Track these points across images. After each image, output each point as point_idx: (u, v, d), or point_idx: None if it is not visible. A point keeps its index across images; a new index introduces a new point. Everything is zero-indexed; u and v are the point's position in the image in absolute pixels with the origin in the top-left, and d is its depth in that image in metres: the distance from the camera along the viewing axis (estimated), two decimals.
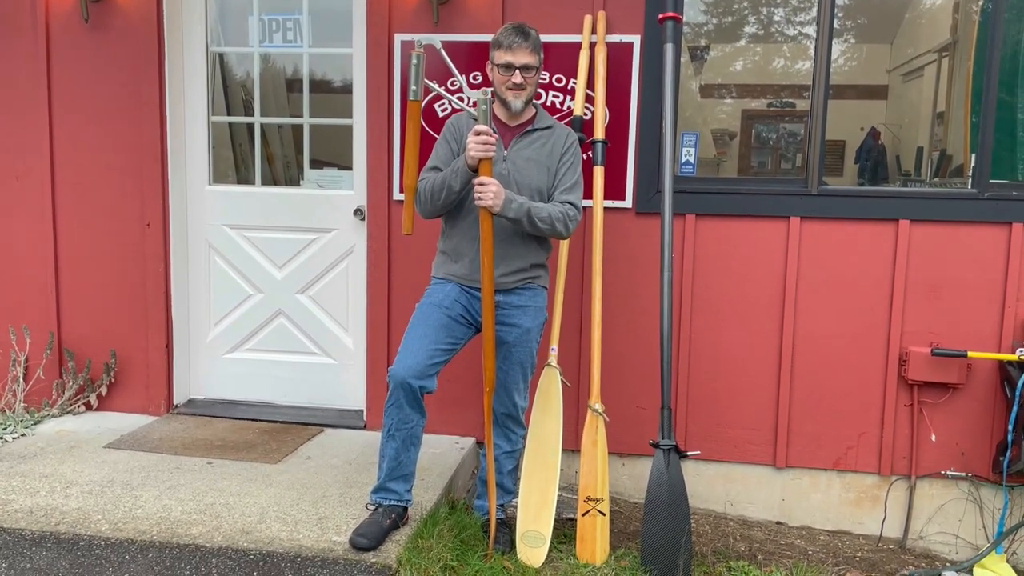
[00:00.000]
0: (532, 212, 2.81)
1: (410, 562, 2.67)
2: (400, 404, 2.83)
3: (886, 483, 3.67)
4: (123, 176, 3.96)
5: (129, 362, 4.07)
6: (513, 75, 2.88)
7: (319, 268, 4.02)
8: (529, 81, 2.91)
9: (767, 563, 3.34)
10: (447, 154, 2.98)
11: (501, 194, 2.73)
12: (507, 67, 2.88)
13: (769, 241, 3.60)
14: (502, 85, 2.92)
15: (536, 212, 2.82)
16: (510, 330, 2.99)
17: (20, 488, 3.14)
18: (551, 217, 2.85)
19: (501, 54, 2.88)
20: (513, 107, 2.93)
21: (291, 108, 4.36)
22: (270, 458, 3.52)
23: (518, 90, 2.90)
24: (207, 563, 2.65)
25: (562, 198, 2.93)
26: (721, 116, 4.60)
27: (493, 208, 2.72)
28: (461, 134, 2.96)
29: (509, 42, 2.86)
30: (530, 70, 2.89)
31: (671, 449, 3.11)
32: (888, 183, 4.28)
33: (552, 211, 2.86)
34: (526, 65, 2.88)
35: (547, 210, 2.85)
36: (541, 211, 2.84)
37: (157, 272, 3.99)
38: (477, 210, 2.85)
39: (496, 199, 2.72)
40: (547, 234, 2.91)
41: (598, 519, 3.15)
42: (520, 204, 2.79)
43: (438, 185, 2.87)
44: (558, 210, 2.88)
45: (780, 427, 3.67)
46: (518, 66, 2.87)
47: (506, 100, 2.93)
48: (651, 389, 3.67)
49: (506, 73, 2.89)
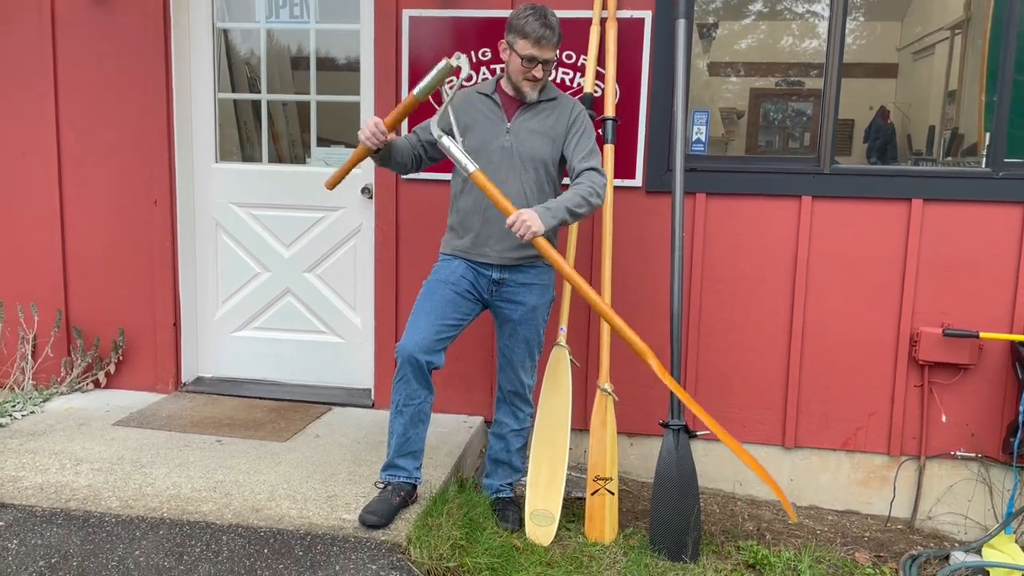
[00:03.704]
0: (568, 207, 2.74)
1: (420, 540, 2.68)
2: (407, 379, 2.83)
3: (895, 463, 3.66)
4: (130, 153, 3.93)
5: (137, 340, 4.06)
6: (535, 68, 2.83)
7: (327, 247, 4.00)
8: (547, 72, 2.88)
9: (776, 542, 3.35)
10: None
11: (535, 215, 2.65)
12: (530, 59, 2.82)
13: (780, 220, 3.58)
14: (519, 74, 2.87)
15: (571, 204, 2.75)
16: (515, 308, 2.98)
17: (30, 465, 3.15)
18: (583, 198, 2.77)
19: (526, 45, 2.80)
20: (527, 97, 2.91)
21: (296, 86, 4.32)
22: (279, 436, 3.53)
23: (535, 82, 2.87)
24: (217, 540, 2.65)
25: (583, 165, 2.87)
26: (729, 95, 4.56)
27: (539, 232, 2.65)
28: (461, 110, 2.94)
29: (538, 36, 2.78)
30: (550, 63, 2.86)
31: (681, 429, 3.11)
32: (897, 163, 4.24)
33: (580, 191, 2.78)
34: (548, 60, 2.84)
35: (577, 194, 2.77)
36: (573, 199, 2.76)
37: (164, 250, 3.97)
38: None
39: (534, 223, 2.64)
40: (588, 214, 2.83)
41: (607, 498, 3.15)
42: (555, 209, 2.72)
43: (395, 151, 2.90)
44: (584, 187, 2.80)
45: (789, 407, 3.66)
46: (541, 60, 2.82)
47: (520, 87, 2.90)
48: None
49: (528, 64, 2.83)
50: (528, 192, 2.90)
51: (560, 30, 2.84)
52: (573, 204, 2.75)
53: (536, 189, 2.92)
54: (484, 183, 2.72)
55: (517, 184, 2.88)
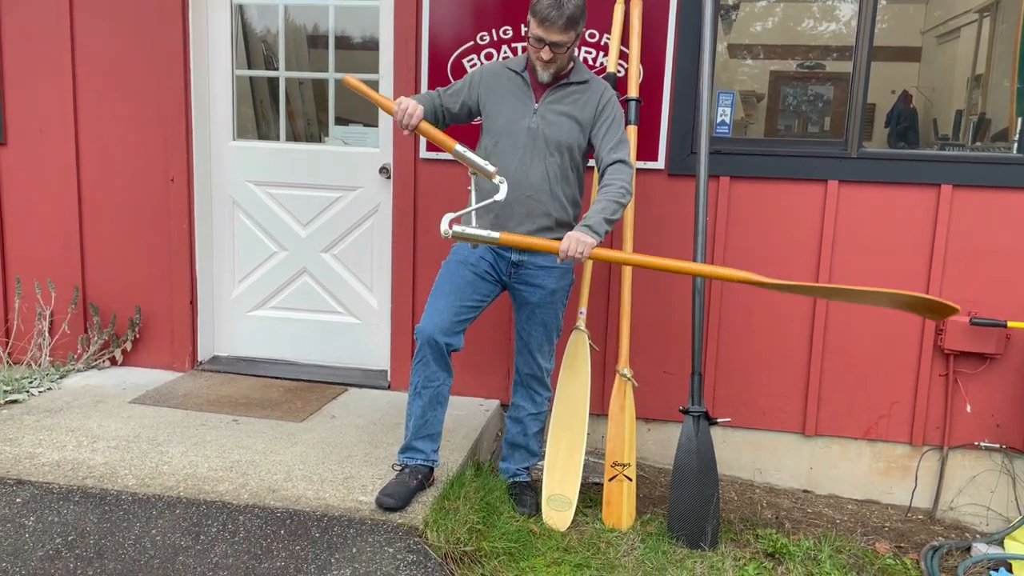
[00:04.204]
0: (606, 218, 2.66)
1: (436, 523, 2.65)
2: (426, 361, 2.80)
3: (917, 453, 3.61)
4: (147, 130, 3.91)
5: (153, 318, 4.05)
6: (542, 50, 2.76)
7: (344, 227, 3.97)
8: (560, 56, 2.78)
9: (795, 531, 3.31)
10: (458, 94, 2.93)
11: (582, 237, 2.57)
12: (538, 40, 2.75)
13: (805, 204, 3.51)
14: (532, 54, 2.81)
15: (607, 213, 2.67)
16: (533, 291, 2.94)
17: (47, 442, 3.14)
18: (616, 203, 2.70)
19: (535, 25, 2.74)
20: (540, 78, 2.85)
21: (312, 65, 4.27)
22: (295, 416, 3.51)
23: (548, 63, 2.80)
24: (234, 520, 2.64)
25: (612, 157, 2.79)
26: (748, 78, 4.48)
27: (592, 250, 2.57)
28: (488, 86, 2.89)
29: (543, 16, 2.70)
30: (560, 47, 2.75)
31: (701, 416, 3.07)
32: (919, 148, 4.16)
33: (612, 195, 2.70)
34: (556, 43, 2.73)
35: (610, 200, 2.69)
36: (607, 208, 2.68)
37: (181, 228, 3.95)
38: (506, 162, 2.79)
39: (584, 245, 2.56)
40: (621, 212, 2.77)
41: (624, 484, 3.12)
42: (597, 220, 2.64)
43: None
44: (615, 189, 2.72)
45: (811, 394, 3.61)
46: (548, 42, 2.74)
47: (535, 68, 2.84)
48: (678, 354, 3.61)
49: (536, 45, 2.77)
50: (552, 177, 2.84)
51: (576, 14, 2.72)
52: (610, 213, 2.68)
53: (560, 175, 2.86)
54: (512, 240, 2.64)
55: (541, 168, 2.83)
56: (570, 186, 2.89)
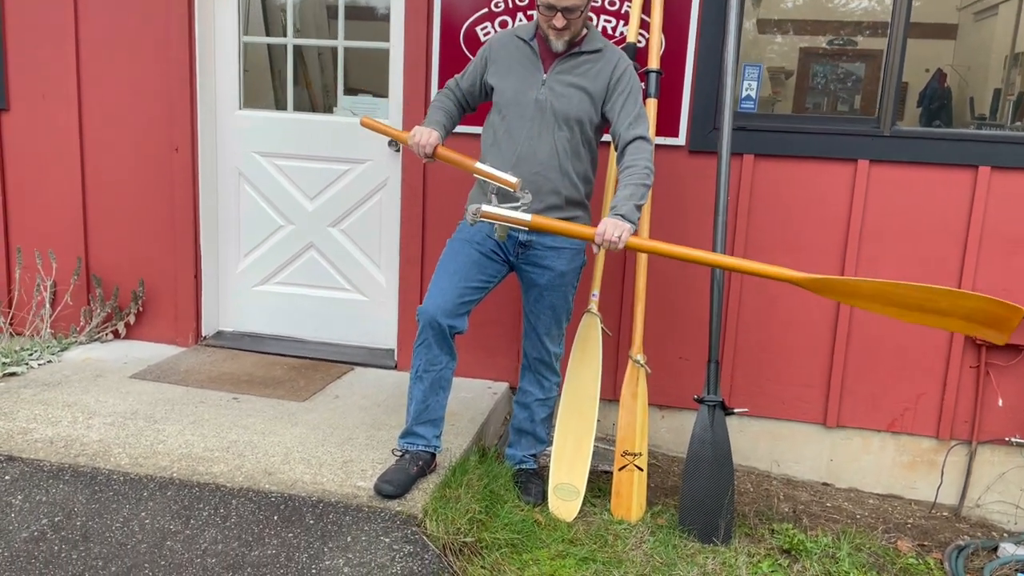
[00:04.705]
0: (635, 201, 2.51)
1: (436, 512, 2.54)
2: (428, 344, 2.67)
3: (944, 447, 3.45)
4: (150, 97, 3.79)
5: (157, 291, 3.96)
6: (554, 18, 2.59)
7: (352, 201, 3.84)
8: (574, 22, 2.61)
9: (812, 526, 3.17)
10: (472, 74, 2.81)
11: (617, 224, 2.43)
12: (548, 8, 2.58)
13: (833, 185, 3.34)
14: (544, 23, 2.65)
15: (636, 197, 2.51)
16: (542, 272, 2.79)
17: (42, 417, 3.06)
18: (641, 183, 2.54)
19: None
20: (554, 47, 2.68)
21: (331, 34, 4.12)
22: (297, 396, 3.41)
23: (561, 31, 2.63)
24: (227, 504, 2.54)
25: (631, 133, 2.63)
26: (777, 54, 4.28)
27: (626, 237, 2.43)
28: (495, 58, 2.74)
29: None
30: (573, 12, 2.58)
31: (717, 405, 2.93)
32: (952, 128, 3.95)
33: (637, 177, 2.55)
34: (568, 7, 2.57)
35: (638, 184, 2.54)
36: (636, 192, 2.52)
37: (185, 199, 3.84)
38: (514, 137, 2.65)
39: (622, 229, 2.42)
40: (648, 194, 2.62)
41: (635, 474, 2.99)
42: (628, 208, 2.48)
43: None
44: (639, 171, 2.56)
45: (833, 384, 3.46)
46: (559, 8, 2.57)
47: (547, 37, 2.68)
48: (695, 339, 3.47)
49: (546, 13, 2.60)
50: (561, 152, 2.68)
51: None
52: (638, 198, 2.53)
53: (570, 150, 2.70)
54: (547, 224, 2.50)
55: (549, 142, 2.67)
56: (581, 162, 2.73)
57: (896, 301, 2.36)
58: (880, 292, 2.37)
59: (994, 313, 2.24)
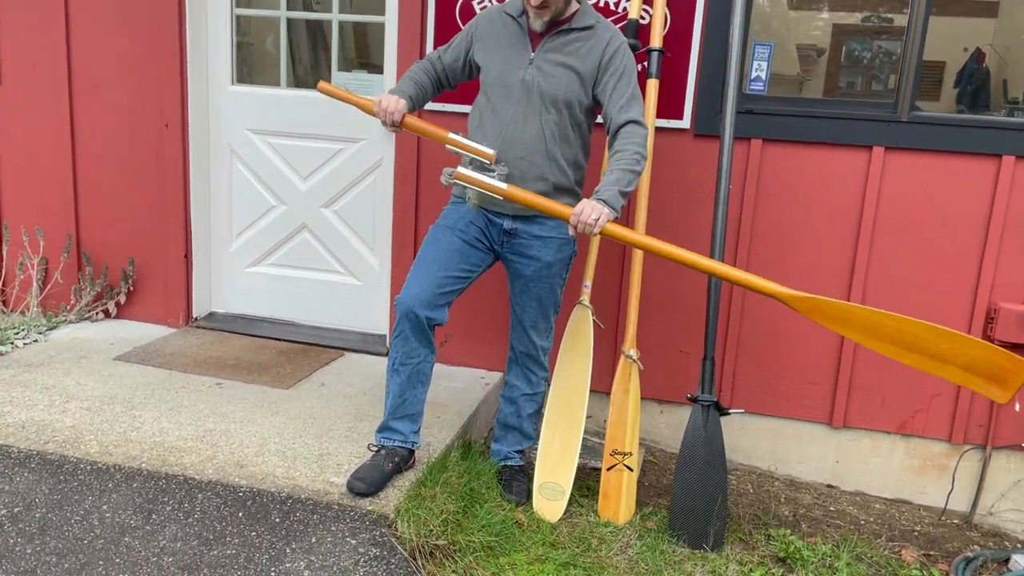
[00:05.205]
0: (620, 187, 2.34)
1: (409, 512, 2.43)
2: (406, 336, 2.55)
3: (957, 452, 3.27)
4: (140, 70, 3.67)
5: (147, 270, 3.87)
6: None
7: (345, 181, 3.72)
8: (552, 0, 2.44)
9: (812, 532, 3.02)
10: (456, 49, 2.66)
11: (596, 207, 2.27)
12: None
13: (845, 173, 3.15)
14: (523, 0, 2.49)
15: (622, 183, 2.35)
16: (528, 263, 2.65)
17: (19, 399, 3.00)
18: (629, 170, 2.37)
19: None
20: (533, 26, 2.52)
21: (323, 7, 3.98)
22: (282, 382, 3.31)
23: (540, 9, 2.45)
24: (192, 498, 2.45)
25: (623, 117, 2.45)
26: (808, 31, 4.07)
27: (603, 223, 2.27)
28: (481, 35, 2.59)
29: None
30: None
31: (711, 405, 2.78)
32: (990, 111, 3.72)
33: (625, 163, 2.38)
34: None
35: (625, 170, 2.37)
36: (623, 178, 2.35)
37: (176, 177, 3.74)
38: (499, 119, 2.50)
39: (600, 213, 2.26)
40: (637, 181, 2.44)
41: (624, 475, 2.86)
42: (612, 193, 2.32)
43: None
44: (628, 155, 2.39)
45: (841, 382, 3.29)
46: None
47: (528, 15, 2.52)
48: (697, 331, 3.30)
49: None
50: (548, 136, 2.52)
51: None
52: (624, 184, 2.36)
53: (558, 134, 2.53)
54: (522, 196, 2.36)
55: (536, 125, 2.51)
56: (571, 147, 2.57)
57: (891, 337, 2.18)
58: (874, 323, 2.20)
59: (999, 365, 2.04)
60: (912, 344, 2.17)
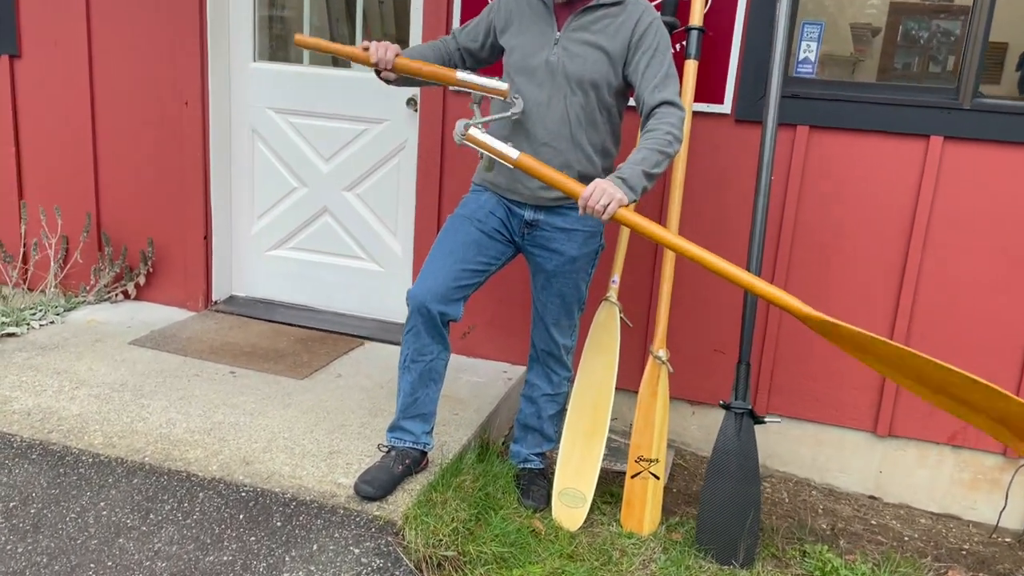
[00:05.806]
0: (646, 171, 2.14)
1: (417, 520, 2.29)
2: (417, 331, 2.41)
3: (1012, 466, 3.05)
4: (160, 45, 3.56)
5: (167, 252, 3.78)
6: None
7: (368, 164, 3.57)
8: None
9: (851, 548, 2.83)
10: (474, 29, 2.49)
11: (608, 189, 2.08)
12: None
13: (899, 164, 2.92)
14: None
15: (648, 166, 2.15)
16: (550, 256, 2.47)
17: (28, 384, 2.92)
18: (659, 150, 2.17)
19: None
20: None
21: None
22: (297, 372, 3.20)
23: None
24: (192, 497, 2.34)
25: (656, 97, 2.24)
26: (866, 8, 3.80)
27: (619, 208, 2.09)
28: (504, 14, 2.42)
29: None
30: None
31: (745, 413, 2.59)
32: None
33: (656, 143, 2.17)
34: None
35: (653, 150, 2.16)
36: (650, 158, 2.15)
37: (195, 156, 3.63)
38: (524, 101, 2.32)
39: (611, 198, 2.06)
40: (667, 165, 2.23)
41: (650, 483, 2.69)
42: (634, 172, 2.12)
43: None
44: (660, 135, 2.18)
45: (887, 388, 3.07)
46: None
47: None
48: (732, 330, 3.10)
49: None
50: (573, 120, 2.33)
51: None
52: (651, 164, 2.15)
53: (585, 118, 2.34)
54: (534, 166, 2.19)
55: (561, 108, 2.32)
56: (598, 132, 2.37)
57: (915, 375, 1.99)
58: (895, 358, 2.00)
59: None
60: (939, 387, 2.01)
